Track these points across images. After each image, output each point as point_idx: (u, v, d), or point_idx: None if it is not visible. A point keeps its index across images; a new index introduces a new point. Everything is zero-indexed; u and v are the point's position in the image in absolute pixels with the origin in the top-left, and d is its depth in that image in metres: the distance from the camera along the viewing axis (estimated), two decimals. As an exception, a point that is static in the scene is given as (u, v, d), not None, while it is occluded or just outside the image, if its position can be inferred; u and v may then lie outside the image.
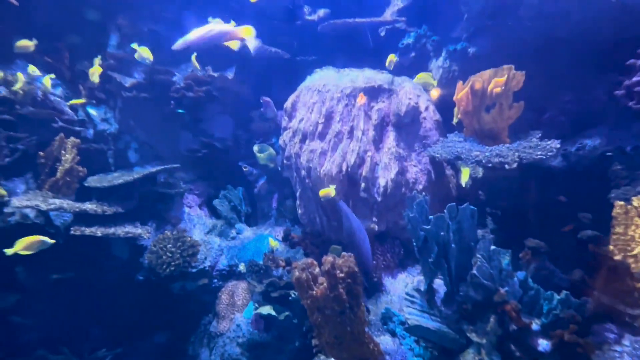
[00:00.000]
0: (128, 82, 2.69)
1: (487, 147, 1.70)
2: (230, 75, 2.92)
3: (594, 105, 1.84)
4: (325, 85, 2.25)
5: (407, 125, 2.06)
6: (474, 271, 1.33)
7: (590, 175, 1.64)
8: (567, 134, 1.78)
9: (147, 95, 2.70)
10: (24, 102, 2.29)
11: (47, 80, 2.40)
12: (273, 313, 2.05)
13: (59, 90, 2.63)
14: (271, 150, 2.79)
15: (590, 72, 1.85)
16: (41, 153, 2.25)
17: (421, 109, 2.09)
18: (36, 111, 2.33)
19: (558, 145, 1.53)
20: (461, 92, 1.88)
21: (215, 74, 2.85)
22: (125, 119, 2.81)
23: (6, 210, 2.03)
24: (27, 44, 2.34)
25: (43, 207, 1.97)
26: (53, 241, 1.88)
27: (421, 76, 2.30)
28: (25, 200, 1.99)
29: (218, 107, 3.02)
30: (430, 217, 1.47)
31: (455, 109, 2.02)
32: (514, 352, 1.34)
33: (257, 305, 2.16)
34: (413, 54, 2.53)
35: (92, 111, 2.73)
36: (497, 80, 1.76)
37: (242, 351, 2.17)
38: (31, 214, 2.11)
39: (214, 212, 2.91)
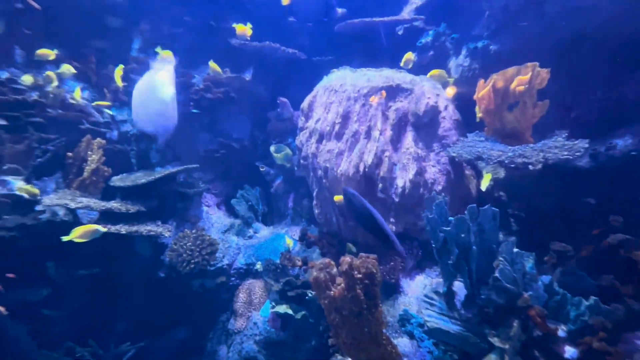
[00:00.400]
0: (150, 84, 2.77)
1: (509, 147, 1.65)
2: (247, 76, 2.96)
3: (624, 103, 1.76)
4: (342, 85, 2.24)
5: (425, 125, 2.03)
6: (497, 274, 1.29)
7: (621, 176, 1.56)
8: (596, 134, 1.70)
9: (168, 97, 2.78)
10: (54, 105, 2.40)
11: (78, 92, 2.50)
12: (290, 312, 2.07)
13: (85, 94, 2.74)
14: (288, 150, 2.81)
15: (620, 68, 1.77)
16: (69, 153, 2.36)
17: (440, 109, 2.06)
18: (65, 114, 2.43)
19: (586, 145, 1.47)
20: (482, 91, 1.83)
21: (233, 75, 2.90)
22: (147, 121, 2.90)
23: (38, 208, 2.13)
24: (47, 52, 2.43)
25: (72, 205, 2.06)
26: (105, 229, 1.94)
27: (435, 73, 2.25)
28: (56, 199, 2.08)
29: (236, 108, 3.07)
30: (451, 218, 1.44)
31: (477, 108, 1.97)
32: (538, 359, 1.30)
33: (273, 303, 2.18)
34: (431, 53, 2.49)
35: (116, 113, 2.83)
36: (520, 78, 1.70)
37: (259, 349, 2.20)
38: (60, 212, 2.20)
39: (232, 211, 2.96)
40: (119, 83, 2.64)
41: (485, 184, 1.99)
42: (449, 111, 2.08)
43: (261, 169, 2.98)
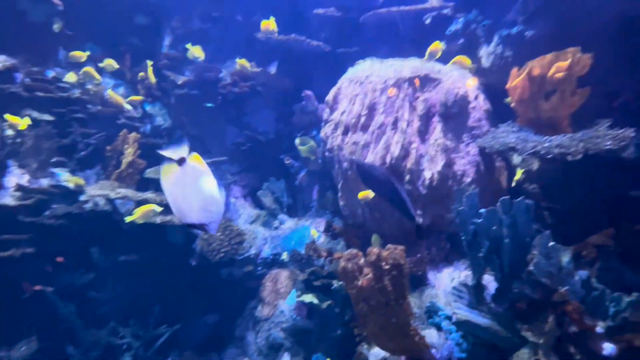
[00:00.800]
0: (180, 79, 2.88)
1: (545, 137, 1.59)
2: (273, 70, 3.00)
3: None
4: (368, 77, 2.22)
5: (454, 116, 1.98)
6: (531, 268, 1.26)
7: (669, 167, 1.46)
8: (642, 122, 1.60)
9: (197, 91, 2.87)
10: (94, 101, 2.54)
11: (112, 93, 2.64)
12: (315, 301, 2.11)
13: (121, 90, 2.89)
14: (312, 142, 2.83)
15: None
16: (108, 147, 2.50)
17: (470, 99, 2.00)
18: (104, 109, 2.58)
19: (632, 134, 1.38)
20: (517, 79, 1.76)
21: (259, 69, 2.94)
22: (178, 115, 3.02)
23: (81, 198, 2.29)
24: (79, 54, 2.57)
25: (112, 195, 2.19)
26: (161, 208, 2.07)
27: (457, 60, 2.16)
28: (97, 190, 2.22)
29: (261, 102, 3.12)
30: (482, 210, 1.41)
31: (510, 98, 1.90)
32: (573, 355, 1.26)
33: (299, 292, 2.23)
34: (461, 41, 2.40)
35: (149, 108, 2.96)
36: (559, 64, 1.62)
37: (285, 335, 2.27)
38: (101, 201, 2.35)
39: (258, 203, 3.04)
40: (152, 79, 2.75)
41: (517, 179, 1.92)
42: (479, 101, 2.01)
43: (286, 162, 3.03)
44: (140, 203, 2.35)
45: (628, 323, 1.21)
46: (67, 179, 2.16)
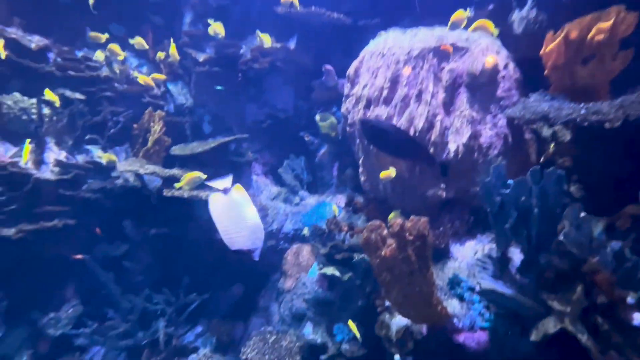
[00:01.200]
0: (201, 57, 2.89)
1: (581, 104, 1.50)
2: (292, 45, 2.96)
3: None
4: (391, 48, 2.16)
5: (482, 86, 1.90)
6: (561, 237, 1.24)
7: None
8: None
9: (218, 69, 2.88)
10: (120, 80, 2.61)
11: (138, 74, 2.68)
12: (337, 274, 2.16)
13: (144, 69, 2.94)
14: (332, 118, 2.81)
15: None
16: (135, 125, 2.58)
17: (499, 67, 1.91)
18: (130, 88, 2.64)
19: (678, 99, 1.29)
20: (552, 44, 1.66)
21: (279, 45, 2.91)
22: (199, 93, 3.05)
23: (113, 174, 2.40)
24: (99, 35, 2.61)
25: (141, 171, 2.28)
26: (205, 176, 2.12)
27: (480, 24, 2.03)
28: (127, 166, 2.32)
29: (280, 78, 3.10)
30: (510, 181, 1.38)
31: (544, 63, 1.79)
32: (601, 325, 1.25)
33: (321, 265, 2.29)
34: (491, 7, 2.27)
35: (172, 87, 3.01)
36: (600, 26, 1.50)
37: (308, 306, 2.36)
38: (130, 177, 2.46)
39: (278, 180, 3.08)
40: (176, 57, 2.78)
41: (548, 153, 1.84)
42: (509, 70, 1.92)
43: (306, 139, 3.03)
44: (168, 179, 2.44)
45: (663, 294, 1.18)
46: (100, 155, 2.27)
